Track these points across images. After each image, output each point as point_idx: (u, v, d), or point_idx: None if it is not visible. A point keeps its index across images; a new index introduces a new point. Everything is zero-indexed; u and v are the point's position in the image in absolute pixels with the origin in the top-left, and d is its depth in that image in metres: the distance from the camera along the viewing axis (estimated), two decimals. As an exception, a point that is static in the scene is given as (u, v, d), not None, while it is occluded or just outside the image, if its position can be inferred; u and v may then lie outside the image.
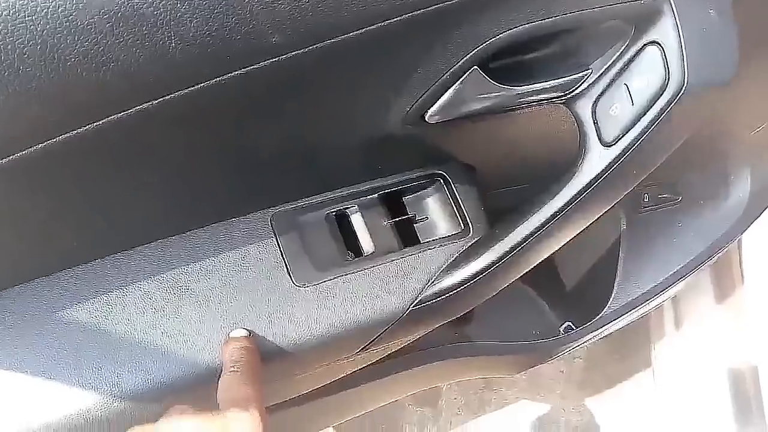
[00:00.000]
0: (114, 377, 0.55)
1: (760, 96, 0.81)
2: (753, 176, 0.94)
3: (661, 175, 0.86)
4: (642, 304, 0.90)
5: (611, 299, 0.90)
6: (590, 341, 0.96)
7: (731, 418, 1.27)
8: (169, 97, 0.45)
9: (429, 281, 0.64)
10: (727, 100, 0.57)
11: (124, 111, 0.44)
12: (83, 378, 0.54)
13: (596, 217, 0.63)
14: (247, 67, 0.45)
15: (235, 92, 0.47)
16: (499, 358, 0.93)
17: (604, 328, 0.91)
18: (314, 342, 0.60)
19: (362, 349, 0.66)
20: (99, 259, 0.58)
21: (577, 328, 0.95)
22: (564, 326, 1.00)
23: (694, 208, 0.93)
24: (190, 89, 0.45)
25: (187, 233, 0.60)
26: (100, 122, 0.44)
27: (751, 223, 0.95)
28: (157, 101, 0.45)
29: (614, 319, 0.90)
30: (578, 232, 0.64)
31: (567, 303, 1.01)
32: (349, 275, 0.62)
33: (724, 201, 0.93)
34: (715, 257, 0.95)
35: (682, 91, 0.53)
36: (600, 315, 0.90)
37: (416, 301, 0.63)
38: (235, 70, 0.45)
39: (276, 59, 0.45)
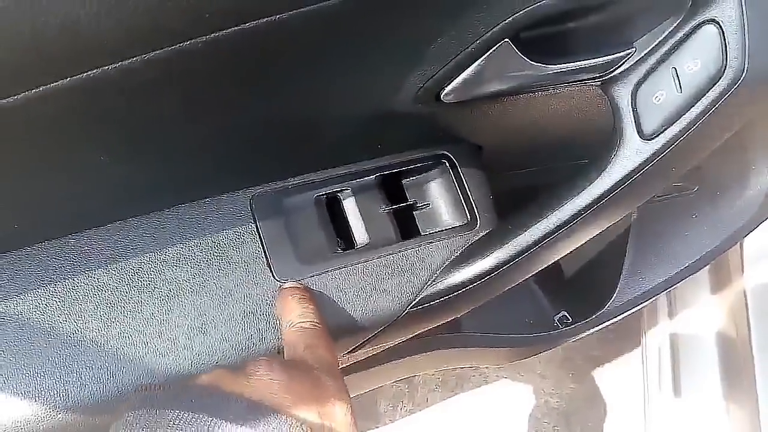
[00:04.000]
0: (59, 386, 0.46)
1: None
2: (773, 167, 0.87)
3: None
4: (648, 300, 0.84)
5: (615, 294, 0.83)
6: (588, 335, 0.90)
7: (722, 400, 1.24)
8: (142, 57, 0.36)
9: (429, 280, 0.56)
10: None
11: (88, 70, 0.35)
12: (21, 386, 0.46)
13: (622, 216, 0.56)
14: (236, 26, 0.36)
15: (217, 54, 0.38)
16: (491, 350, 0.86)
17: (605, 323, 0.85)
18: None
19: (350, 352, 0.58)
20: (43, 242, 0.49)
21: (575, 321, 0.88)
22: (559, 316, 0.94)
23: (711, 200, 0.86)
24: (163, 50, 0.36)
25: (151, 215, 0.51)
26: (57, 83, 0.35)
27: (767, 219, 0.88)
28: (129, 61, 0.36)
29: (617, 315, 0.84)
30: (600, 231, 0.56)
31: (564, 293, 0.94)
32: (338, 270, 0.54)
33: (741, 193, 0.86)
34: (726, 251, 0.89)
35: (740, 79, 0.45)
36: (602, 311, 0.83)
37: (414, 303, 0.55)
38: (222, 30, 0.36)
39: (271, 18, 0.36)
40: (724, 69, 0.45)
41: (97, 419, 0.48)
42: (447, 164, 0.60)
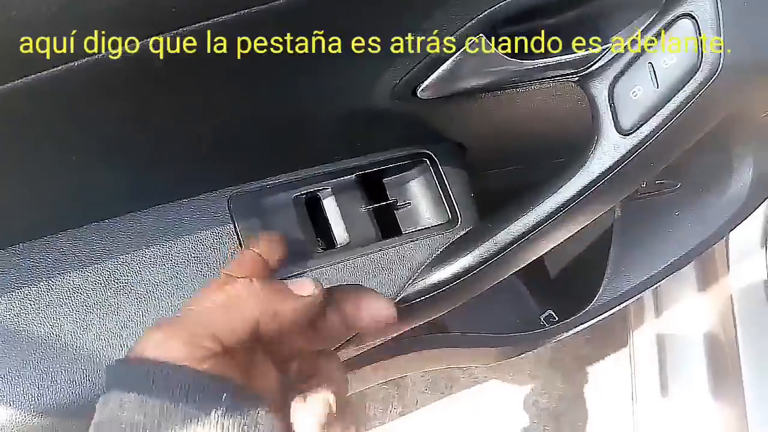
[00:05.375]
0: (33, 390, 0.46)
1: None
2: (755, 163, 0.87)
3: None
4: (632, 297, 0.84)
5: (600, 292, 0.83)
6: (574, 333, 0.90)
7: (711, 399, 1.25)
8: (113, 54, 0.35)
9: (410, 278, 0.56)
10: (764, 83, 0.49)
11: (57, 66, 0.35)
12: None
13: (603, 212, 0.56)
14: (205, 21, 0.36)
15: (188, 51, 0.37)
16: (478, 350, 0.86)
17: (590, 321, 0.85)
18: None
19: (330, 352, 0.58)
20: (18, 245, 0.48)
21: (560, 319, 0.88)
22: (545, 315, 0.94)
23: (693, 196, 0.86)
24: (132, 45, 0.35)
25: (127, 215, 0.51)
26: (25, 79, 0.35)
27: (750, 215, 0.88)
28: (99, 57, 0.35)
29: (602, 313, 0.84)
30: (580, 228, 0.56)
31: (550, 292, 0.94)
32: (318, 270, 0.54)
33: (724, 189, 0.86)
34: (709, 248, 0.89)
35: (716, 73, 0.45)
36: (586, 309, 0.83)
37: (395, 302, 0.55)
38: (190, 25, 0.36)
39: (240, 13, 0.36)
40: (700, 63, 0.45)
41: (73, 424, 0.47)
42: (428, 162, 0.60)
